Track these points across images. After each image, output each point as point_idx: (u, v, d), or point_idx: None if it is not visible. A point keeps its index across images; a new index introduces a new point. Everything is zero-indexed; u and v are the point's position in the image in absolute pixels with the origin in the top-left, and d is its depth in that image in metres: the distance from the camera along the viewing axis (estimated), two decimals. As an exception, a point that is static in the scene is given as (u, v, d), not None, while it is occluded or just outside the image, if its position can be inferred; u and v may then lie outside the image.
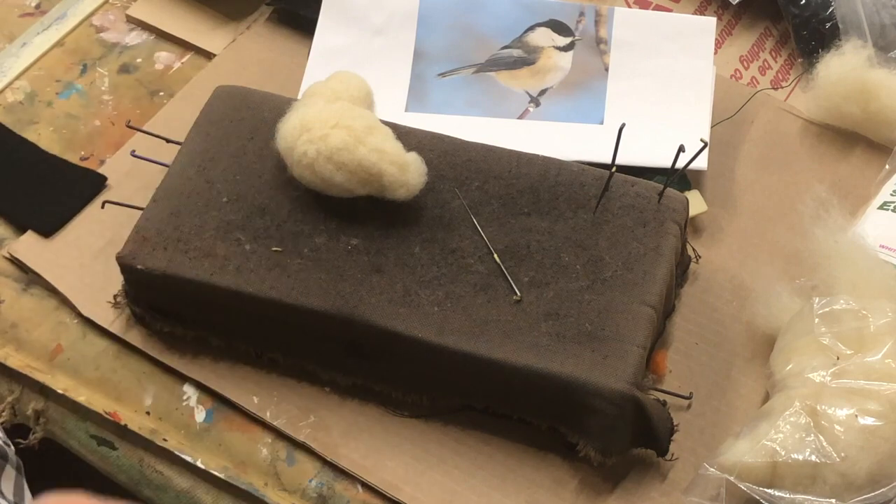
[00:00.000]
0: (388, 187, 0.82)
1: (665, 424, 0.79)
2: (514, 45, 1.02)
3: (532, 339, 0.78)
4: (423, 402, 0.83)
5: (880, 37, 1.00)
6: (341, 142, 0.81)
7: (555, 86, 1.00)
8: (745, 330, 0.87)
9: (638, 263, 0.81)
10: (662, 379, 0.85)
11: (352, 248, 0.83)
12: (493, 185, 0.86)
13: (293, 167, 0.83)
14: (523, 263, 0.82)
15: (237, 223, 0.84)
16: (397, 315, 0.79)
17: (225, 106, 0.91)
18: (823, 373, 0.78)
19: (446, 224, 0.84)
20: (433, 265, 0.82)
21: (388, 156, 0.81)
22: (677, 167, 0.83)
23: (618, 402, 0.76)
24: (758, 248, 0.93)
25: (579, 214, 0.84)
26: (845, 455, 0.74)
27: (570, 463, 0.81)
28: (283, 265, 0.82)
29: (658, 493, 0.80)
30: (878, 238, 0.88)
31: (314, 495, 0.82)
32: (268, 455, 0.84)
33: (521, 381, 0.77)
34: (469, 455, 0.82)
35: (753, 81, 1.04)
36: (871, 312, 0.79)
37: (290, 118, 0.84)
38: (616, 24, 1.02)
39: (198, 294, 0.82)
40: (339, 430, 0.83)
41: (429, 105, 0.99)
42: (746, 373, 0.86)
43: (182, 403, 0.86)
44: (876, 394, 0.75)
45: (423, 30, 1.03)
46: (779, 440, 0.75)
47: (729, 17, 1.09)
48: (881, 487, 0.74)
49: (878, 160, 0.97)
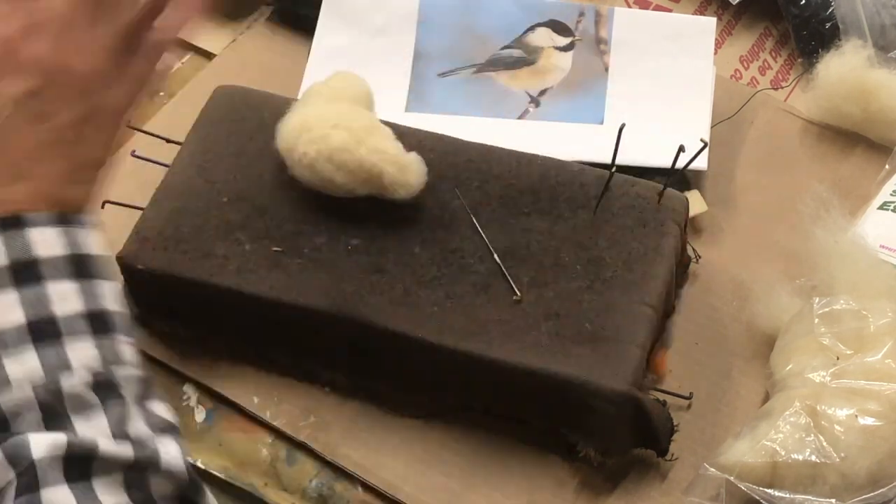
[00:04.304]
0: (389, 187, 0.82)
1: (665, 424, 0.79)
2: (514, 46, 1.02)
3: (532, 339, 0.78)
4: (424, 402, 0.83)
5: (880, 37, 1.00)
6: (341, 142, 0.81)
7: (555, 86, 1.00)
8: (745, 330, 0.87)
9: (638, 263, 0.81)
10: (662, 379, 0.84)
11: (352, 248, 0.83)
12: (493, 186, 0.86)
13: (293, 167, 0.83)
14: (523, 263, 0.82)
15: (237, 223, 0.84)
16: (397, 315, 0.79)
17: (225, 106, 0.91)
18: (823, 373, 0.77)
19: (446, 224, 0.84)
20: (433, 265, 0.82)
21: (388, 156, 0.81)
22: (677, 167, 0.83)
23: (618, 402, 0.75)
24: (758, 248, 0.93)
25: (579, 214, 0.84)
26: (845, 455, 0.73)
27: (571, 463, 0.81)
28: (283, 265, 0.82)
29: (658, 493, 0.80)
30: (879, 238, 0.88)
31: (314, 495, 0.82)
32: (268, 455, 0.84)
33: (522, 381, 0.77)
34: (469, 455, 0.82)
35: (753, 81, 1.04)
36: (871, 312, 0.79)
37: (291, 118, 0.84)
38: (616, 24, 1.02)
39: (198, 294, 0.82)
40: (339, 430, 0.83)
41: (429, 105, 0.99)
42: (746, 373, 0.85)
43: (182, 404, 0.86)
44: (876, 394, 0.75)
45: (423, 30, 1.03)
46: (779, 440, 0.75)
47: (729, 17, 1.09)
48: (881, 487, 0.74)
49: (878, 160, 0.97)
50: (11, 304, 0.56)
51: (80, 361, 0.56)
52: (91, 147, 0.62)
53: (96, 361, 0.57)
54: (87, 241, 0.59)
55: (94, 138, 0.62)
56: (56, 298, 0.57)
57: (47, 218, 0.58)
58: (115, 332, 0.59)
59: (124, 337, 0.59)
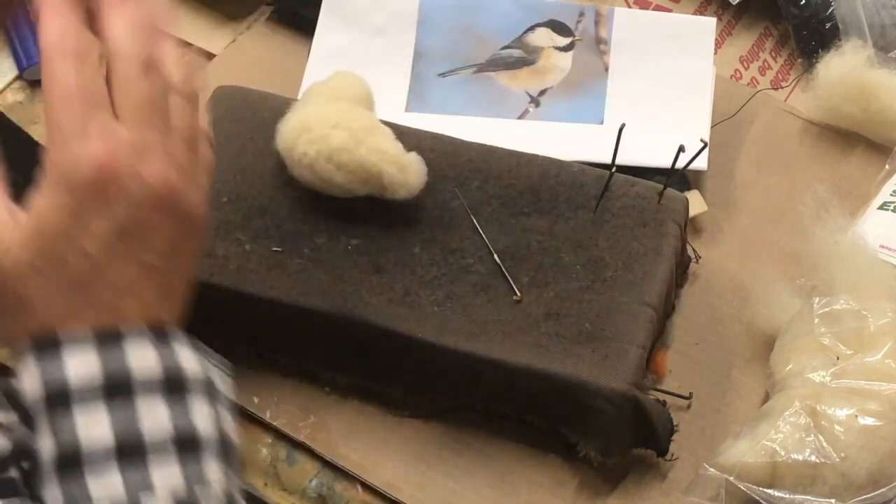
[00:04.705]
0: (389, 187, 0.82)
1: (665, 424, 0.78)
2: (513, 46, 1.02)
3: (532, 339, 0.78)
4: (424, 402, 0.83)
5: (880, 37, 1.00)
6: (341, 142, 0.81)
7: (555, 86, 1.00)
8: (745, 330, 0.87)
9: (638, 263, 0.81)
10: (662, 379, 0.84)
11: (352, 248, 0.83)
12: (492, 186, 0.86)
13: (293, 167, 0.83)
14: (523, 263, 0.82)
15: (237, 223, 0.84)
16: (397, 315, 0.79)
17: (225, 106, 0.91)
18: (823, 373, 0.77)
19: (446, 224, 0.84)
20: (433, 265, 0.82)
21: (388, 156, 0.81)
22: (677, 167, 0.83)
23: (618, 401, 0.75)
24: (758, 248, 0.92)
25: (579, 214, 0.84)
26: (845, 455, 0.73)
27: (570, 463, 0.81)
28: (283, 265, 0.82)
29: (658, 493, 0.80)
30: (879, 238, 0.88)
31: (314, 495, 0.82)
32: (268, 455, 0.84)
33: (521, 380, 0.77)
34: (469, 455, 0.82)
35: (753, 81, 1.04)
36: (871, 312, 0.79)
37: (290, 118, 0.84)
38: (616, 24, 1.02)
39: (197, 294, 0.82)
40: (339, 430, 0.83)
41: (429, 105, 0.99)
42: (746, 373, 0.85)
43: (182, 403, 0.86)
44: (876, 394, 0.75)
45: (423, 30, 1.03)
46: (779, 440, 0.75)
47: (729, 17, 1.09)
48: (881, 487, 0.73)
49: (878, 160, 0.97)
50: (100, 420, 0.55)
51: (164, 482, 0.55)
52: (183, 261, 0.61)
53: (180, 484, 0.55)
54: (181, 358, 0.58)
55: (186, 251, 0.61)
56: (145, 417, 0.55)
57: (145, 333, 0.57)
58: (201, 452, 0.57)
59: (212, 457, 0.57)
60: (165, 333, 0.58)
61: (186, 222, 0.60)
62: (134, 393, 0.56)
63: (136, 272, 0.58)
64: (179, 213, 0.59)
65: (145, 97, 0.58)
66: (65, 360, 0.55)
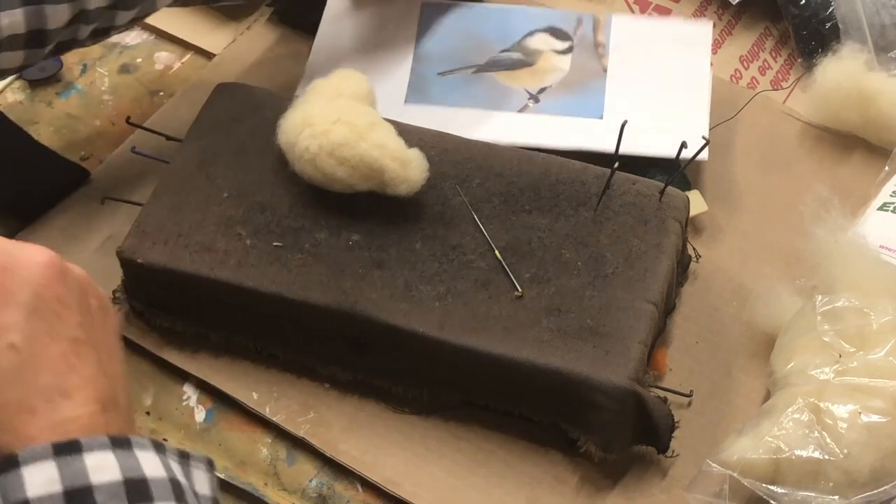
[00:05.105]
0: (390, 183, 0.82)
1: (666, 421, 0.78)
2: (513, 49, 1.02)
3: (533, 335, 0.77)
4: (424, 397, 0.83)
5: (880, 37, 1.01)
6: (343, 137, 0.81)
7: (554, 85, 1.00)
8: (745, 329, 0.87)
9: (639, 260, 0.81)
10: (663, 377, 0.84)
11: (353, 243, 0.82)
12: (494, 183, 0.85)
13: (295, 162, 0.83)
14: (524, 260, 0.81)
15: (238, 218, 0.84)
16: (398, 310, 0.79)
17: (226, 103, 0.91)
18: (826, 370, 0.77)
19: (447, 220, 0.84)
20: (434, 261, 0.82)
21: (389, 151, 0.81)
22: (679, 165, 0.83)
23: (619, 397, 0.75)
24: (758, 248, 0.93)
25: (580, 212, 0.84)
26: (848, 452, 0.73)
27: (571, 459, 0.81)
28: (283, 260, 0.81)
29: (659, 490, 0.80)
30: (879, 238, 0.88)
31: (314, 495, 0.81)
32: (268, 455, 0.83)
33: (522, 376, 0.77)
34: (469, 451, 0.82)
35: (753, 81, 1.04)
36: (873, 310, 0.79)
37: (292, 114, 0.84)
38: (614, 30, 1.02)
39: (198, 289, 0.82)
40: (338, 426, 0.83)
41: (429, 98, 0.99)
42: (747, 372, 0.85)
43: (182, 403, 0.86)
44: (879, 391, 0.75)
45: (424, 32, 1.03)
46: (782, 437, 0.75)
47: (729, 17, 1.09)
48: (884, 484, 0.73)
49: (877, 162, 0.97)
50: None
51: None
52: (104, 334, 0.60)
53: None
54: (142, 463, 0.57)
55: (102, 323, 0.60)
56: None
57: (102, 442, 0.56)
58: None
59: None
60: (124, 438, 0.57)
61: (85, 289, 0.60)
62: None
63: (66, 347, 0.57)
64: (75, 280, 0.59)
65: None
66: (23, 475, 0.54)
